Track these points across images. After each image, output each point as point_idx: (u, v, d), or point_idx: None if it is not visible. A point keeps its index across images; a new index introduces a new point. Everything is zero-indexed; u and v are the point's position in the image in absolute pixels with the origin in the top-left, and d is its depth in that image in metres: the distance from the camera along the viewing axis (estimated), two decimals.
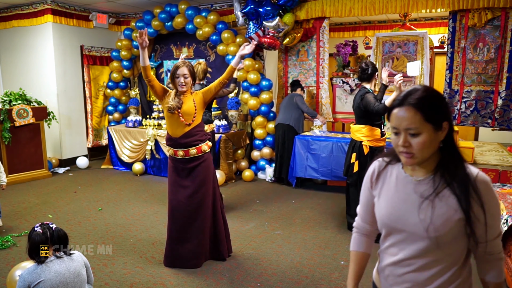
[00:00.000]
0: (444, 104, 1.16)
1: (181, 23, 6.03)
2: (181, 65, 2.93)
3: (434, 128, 1.13)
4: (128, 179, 5.89)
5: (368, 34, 8.40)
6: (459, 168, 1.16)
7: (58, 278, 1.94)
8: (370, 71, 3.54)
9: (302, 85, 5.66)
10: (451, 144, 1.17)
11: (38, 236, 1.97)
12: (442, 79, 5.59)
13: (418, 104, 1.13)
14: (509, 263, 2.71)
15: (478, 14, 4.95)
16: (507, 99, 5.02)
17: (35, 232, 1.99)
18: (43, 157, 5.89)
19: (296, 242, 3.56)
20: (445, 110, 1.16)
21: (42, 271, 1.91)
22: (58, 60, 6.46)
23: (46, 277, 1.91)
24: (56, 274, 1.93)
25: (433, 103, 1.14)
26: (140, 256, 3.29)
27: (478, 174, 1.15)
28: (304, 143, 5.12)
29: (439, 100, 1.16)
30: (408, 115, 1.13)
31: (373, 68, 3.55)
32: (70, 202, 4.75)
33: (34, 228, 2.02)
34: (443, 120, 1.14)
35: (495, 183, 3.67)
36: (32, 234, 1.99)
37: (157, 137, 5.91)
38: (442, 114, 1.14)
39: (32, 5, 6.38)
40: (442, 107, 1.15)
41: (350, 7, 5.38)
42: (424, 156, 1.15)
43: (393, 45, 5.82)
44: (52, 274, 1.92)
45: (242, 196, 4.99)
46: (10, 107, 5.44)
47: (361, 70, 3.58)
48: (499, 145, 7.23)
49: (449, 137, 1.16)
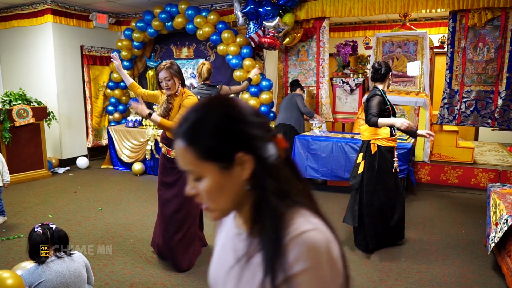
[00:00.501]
0: (234, 127, 0.75)
1: (181, 23, 6.03)
2: (161, 68, 2.86)
3: (221, 166, 0.75)
4: (128, 179, 5.89)
5: (368, 34, 8.40)
6: (274, 221, 0.74)
7: (59, 278, 1.94)
8: (383, 71, 3.33)
9: (301, 85, 5.66)
10: (262, 186, 0.76)
11: (38, 236, 1.97)
12: (442, 79, 5.60)
13: (187, 135, 0.76)
14: (509, 263, 2.71)
15: (478, 14, 4.95)
16: (507, 99, 5.02)
17: (35, 232, 1.99)
18: (43, 157, 5.89)
19: None
20: (237, 135, 0.75)
21: (42, 271, 1.91)
22: (58, 60, 6.46)
23: (47, 277, 1.91)
24: (56, 274, 1.93)
25: (210, 130, 0.75)
26: (140, 256, 3.29)
27: (302, 234, 0.72)
28: (304, 143, 5.12)
29: (223, 121, 0.75)
30: (180, 152, 0.78)
31: (387, 68, 3.35)
32: (70, 202, 4.75)
33: (34, 228, 2.02)
34: (234, 152, 0.75)
35: (495, 183, 3.66)
36: (32, 234, 1.99)
37: (157, 137, 5.91)
38: (231, 142, 0.75)
39: (32, 5, 6.38)
40: (229, 132, 0.75)
41: (350, 7, 5.38)
42: (223, 207, 0.79)
43: (393, 45, 5.82)
44: (52, 274, 1.92)
45: None
46: (10, 107, 5.44)
47: (374, 70, 3.39)
48: (499, 145, 7.24)
49: (258, 174, 0.76)
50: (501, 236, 2.71)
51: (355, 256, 3.26)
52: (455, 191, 5.16)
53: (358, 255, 3.29)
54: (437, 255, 3.28)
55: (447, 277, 2.91)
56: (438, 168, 5.46)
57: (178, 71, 2.90)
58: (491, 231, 2.95)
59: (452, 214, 4.31)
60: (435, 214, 4.30)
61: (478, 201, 4.72)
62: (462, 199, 4.83)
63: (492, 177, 5.20)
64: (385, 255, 3.29)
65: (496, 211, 2.95)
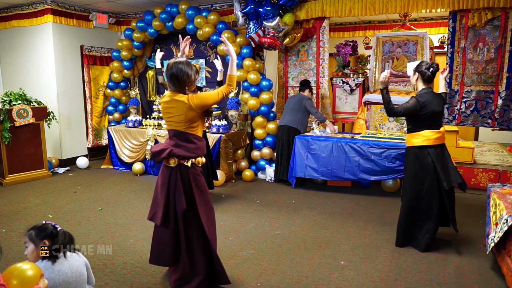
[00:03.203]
0: None
1: (182, 23, 6.03)
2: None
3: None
4: (128, 179, 5.89)
5: (368, 34, 8.41)
6: None
7: (61, 277, 1.92)
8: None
9: (311, 87, 5.56)
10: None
11: (49, 228, 1.97)
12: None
13: None
14: (509, 263, 2.71)
15: (478, 14, 4.95)
16: (507, 99, 5.02)
17: (47, 223, 1.99)
18: (43, 157, 5.89)
19: (296, 242, 3.56)
20: None
21: (45, 269, 1.91)
22: (58, 60, 6.46)
23: (49, 275, 1.89)
24: (59, 273, 1.92)
25: None
26: (140, 256, 3.29)
27: None
28: (304, 143, 5.11)
29: None
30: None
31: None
32: (70, 202, 4.76)
33: (42, 222, 2.02)
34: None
35: (495, 183, 3.66)
36: (43, 224, 1.99)
37: (157, 137, 5.91)
38: None
39: (32, 5, 6.38)
40: None
41: (350, 7, 5.39)
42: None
43: (393, 45, 5.82)
44: (55, 273, 1.91)
45: (242, 196, 4.99)
46: (10, 107, 5.44)
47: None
48: (499, 145, 7.24)
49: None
50: (501, 236, 2.71)
51: (355, 256, 3.26)
52: (455, 191, 5.15)
53: (358, 255, 3.29)
54: (437, 255, 3.28)
55: (447, 277, 2.91)
56: None
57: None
58: (491, 231, 2.95)
59: None
60: None
61: (478, 201, 4.72)
62: (462, 199, 4.83)
63: (492, 177, 5.20)
64: (385, 255, 3.29)
65: (496, 211, 2.95)
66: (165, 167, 2.65)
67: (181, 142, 2.59)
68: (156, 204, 2.67)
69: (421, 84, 3.35)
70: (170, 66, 2.53)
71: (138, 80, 7.26)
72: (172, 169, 2.61)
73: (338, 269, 3.05)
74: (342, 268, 3.05)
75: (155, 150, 2.63)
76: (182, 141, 2.59)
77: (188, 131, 2.58)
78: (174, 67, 2.52)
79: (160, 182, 2.66)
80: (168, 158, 2.59)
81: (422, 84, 3.35)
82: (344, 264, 3.13)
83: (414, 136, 3.32)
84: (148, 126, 6.10)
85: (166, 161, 2.62)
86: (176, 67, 2.52)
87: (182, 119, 2.53)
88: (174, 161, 2.59)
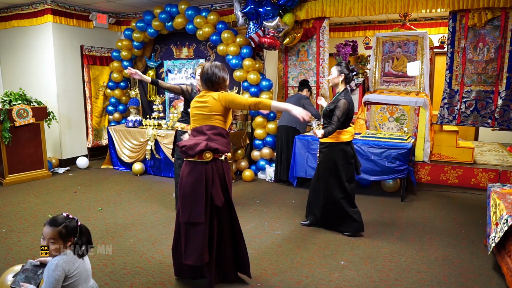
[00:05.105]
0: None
1: (181, 23, 6.03)
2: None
3: None
4: (128, 179, 5.89)
5: (368, 34, 8.41)
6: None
7: (85, 273, 2.03)
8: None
9: (310, 86, 5.58)
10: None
11: (74, 221, 2.02)
12: (442, 79, 5.60)
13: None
14: (509, 263, 2.71)
15: (478, 14, 4.95)
16: (507, 99, 5.02)
17: (72, 219, 2.03)
18: (43, 157, 5.89)
19: (296, 242, 3.56)
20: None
21: (76, 261, 1.97)
22: (58, 60, 6.46)
23: (80, 270, 1.98)
24: (85, 269, 2.03)
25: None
26: (140, 256, 3.29)
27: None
28: (304, 143, 5.12)
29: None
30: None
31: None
32: (70, 202, 4.75)
33: (63, 214, 2.04)
34: None
35: (495, 183, 3.66)
36: (70, 217, 2.03)
37: (157, 137, 5.91)
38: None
39: (32, 5, 6.38)
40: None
41: (350, 7, 5.39)
42: None
43: (393, 45, 5.82)
44: (81, 268, 2.00)
45: (242, 196, 4.99)
46: (10, 107, 5.44)
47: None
48: (499, 145, 7.24)
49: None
50: (501, 236, 2.72)
51: (355, 256, 3.26)
52: (455, 191, 5.16)
53: (358, 255, 3.29)
54: (437, 255, 3.28)
55: (447, 277, 2.91)
56: (438, 168, 5.46)
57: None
58: (491, 231, 2.95)
59: (452, 214, 4.31)
60: (435, 214, 4.30)
61: (478, 201, 4.73)
62: (462, 199, 4.83)
63: (492, 177, 5.20)
64: (385, 255, 3.29)
65: (496, 211, 2.95)
66: (194, 164, 2.60)
67: (214, 136, 2.61)
68: (189, 203, 2.58)
69: (343, 85, 3.64)
70: (206, 70, 2.66)
71: (138, 80, 7.25)
72: (207, 164, 2.59)
73: (338, 269, 3.05)
74: (342, 268, 3.05)
75: (188, 144, 2.58)
76: (215, 135, 2.61)
77: (222, 126, 2.65)
78: (210, 70, 2.65)
79: (192, 179, 2.58)
80: (204, 151, 2.57)
81: (343, 85, 3.64)
82: (344, 264, 3.13)
83: (343, 133, 3.60)
84: (148, 126, 6.09)
85: (199, 156, 2.58)
86: (212, 71, 2.64)
87: (215, 112, 2.59)
88: (210, 155, 2.58)
